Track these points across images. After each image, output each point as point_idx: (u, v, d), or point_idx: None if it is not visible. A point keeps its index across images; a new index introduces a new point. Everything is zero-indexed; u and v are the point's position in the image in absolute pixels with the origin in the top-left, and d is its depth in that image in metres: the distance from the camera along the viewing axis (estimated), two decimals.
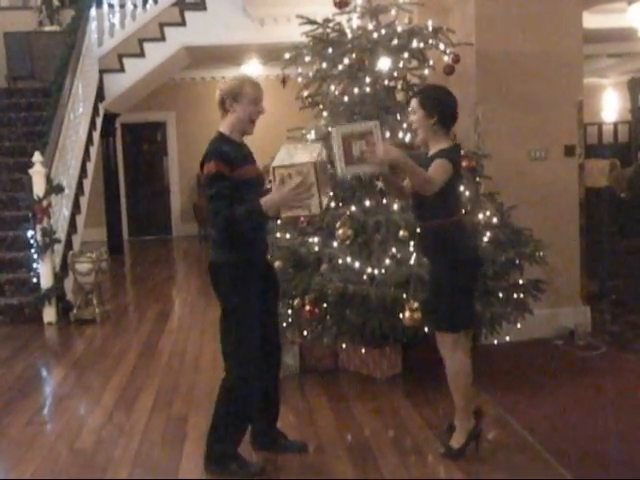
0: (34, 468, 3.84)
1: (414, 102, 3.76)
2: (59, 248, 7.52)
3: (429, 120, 3.67)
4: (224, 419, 3.65)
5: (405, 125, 5.21)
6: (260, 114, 3.63)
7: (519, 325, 4.98)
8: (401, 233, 4.65)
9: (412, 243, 4.69)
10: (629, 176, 9.52)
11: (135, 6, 10.48)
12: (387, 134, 5.05)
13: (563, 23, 5.73)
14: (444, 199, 3.62)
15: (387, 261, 4.71)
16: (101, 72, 10.22)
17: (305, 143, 4.05)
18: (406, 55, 5.22)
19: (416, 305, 4.43)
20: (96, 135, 10.00)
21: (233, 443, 3.67)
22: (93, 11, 10.11)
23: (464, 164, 5.01)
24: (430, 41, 5.21)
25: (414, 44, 5.19)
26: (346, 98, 5.28)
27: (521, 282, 5.05)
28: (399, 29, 5.23)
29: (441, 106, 3.70)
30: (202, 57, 11.76)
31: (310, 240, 5.02)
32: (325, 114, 5.48)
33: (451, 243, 3.70)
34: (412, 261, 4.68)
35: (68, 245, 7.92)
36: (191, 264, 11.59)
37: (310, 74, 5.48)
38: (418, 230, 3.94)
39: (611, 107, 16.76)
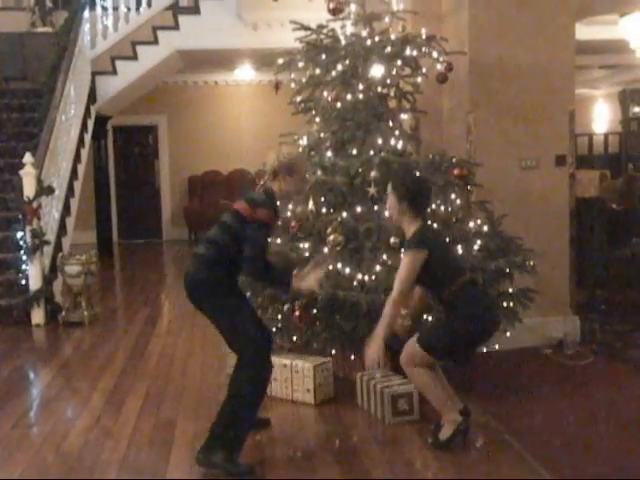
0: (21, 471, 3.82)
1: (389, 185, 4.10)
2: (48, 250, 7.49)
3: (400, 204, 3.99)
4: (233, 411, 3.74)
5: (397, 132, 5.24)
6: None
7: (508, 334, 4.99)
8: (392, 240, 4.65)
9: (402, 250, 4.70)
10: (619, 187, 9.57)
11: (128, 9, 10.47)
12: (379, 141, 5.07)
13: (556, 34, 5.75)
14: (434, 275, 3.93)
15: (377, 268, 4.71)
16: (93, 74, 10.20)
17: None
18: (399, 63, 5.23)
19: (406, 312, 4.43)
20: (87, 137, 9.97)
21: (238, 440, 3.73)
22: (86, 13, 10.09)
23: (455, 172, 5.05)
24: (423, 49, 5.23)
25: (407, 52, 5.21)
26: (339, 104, 5.28)
27: (511, 291, 5.06)
28: (392, 37, 5.25)
29: (410, 192, 3.99)
30: (195, 61, 11.76)
31: (301, 245, 5.02)
32: (318, 120, 5.48)
33: (456, 311, 3.93)
34: None
35: (58, 247, 7.88)
36: (181, 268, 11.50)
37: (303, 80, 5.48)
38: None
39: (602, 118, 16.86)
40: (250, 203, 3.80)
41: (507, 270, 4.97)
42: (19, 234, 7.39)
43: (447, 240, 4.48)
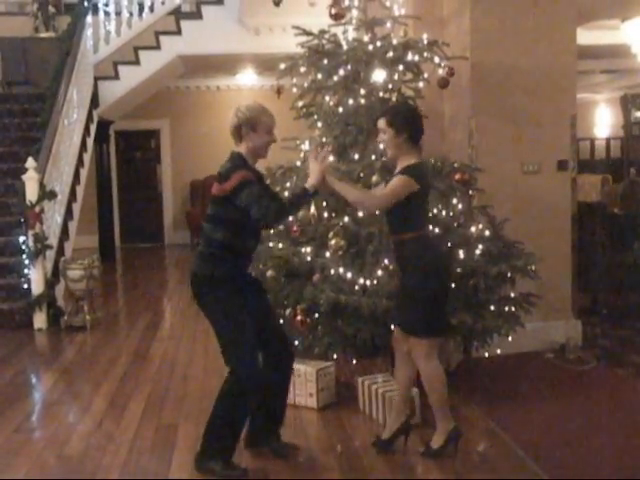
0: (22, 475, 3.82)
1: (382, 122, 3.94)
2: (51, 254, 7.51)
3: (398, 138, 3.87)
4: (222, 417, 3.73)
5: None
6: (272, 143, 3.82)
7: (510, 338, 4.99)
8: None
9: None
10: (621, 191, 9.58)
11: (131, 14, 10.49)
12: (381, 146, 5.07)
13: (557, 39, 5.76)
14: (409, 213, 3.84)
15: (379, 272, 4.71)
16: (96, 79, 10.23)
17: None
18: (401, 67, 5.24)
19: None
20: (90, 142, 9.99)
21: (230, 441, 3.74)
22: (89, 18, 10.13)
23: (457, 177, 5.06)
24: (425, 54, 5.23)
25: (409, 57, 5.21)
26: (341, 109, 5.30)
27: (513, 295, 5.06)
28: (394, 42, 5.25)
29: (409, 122, 3.90)
30: (197, 66, 11.79)
31: (303, 250, 5.03)
32: (319, 125, 5.49)
33: (420, 255, 3.85)
34: None
35: (60, 251, 7.90)
36: (183, 272, 11.53)
37: (305, 85, 5.49)
38: (391, 242, 4.08)
39: (604, 123, 16.86)
40: (219, 181, 3.67)
41: (509, 275, 4.98)
42: (21, 238, 7.41)
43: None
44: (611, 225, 7.27)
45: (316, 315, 4.81)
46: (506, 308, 4.99)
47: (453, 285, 4.69)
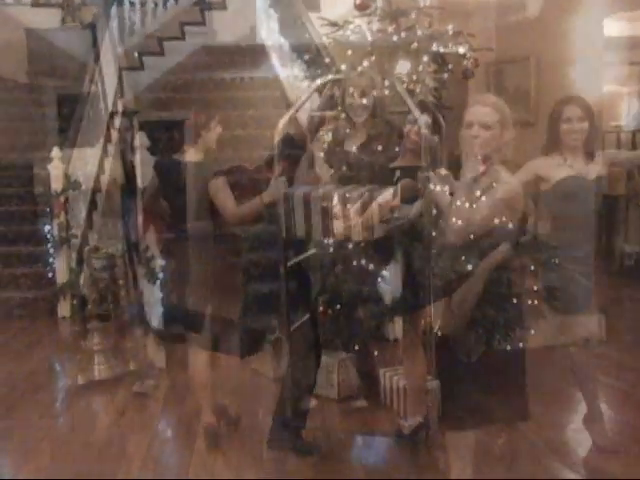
0: (47, 461, 3.87)
1: (428, 118, 4.03)
2: (75, 243, 7.57)
3: None
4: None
5: None
6: None
7: (533, 331, 4.96)
8: None
9: None
10: None
11: (156, 5, 10.53)
12: None
13: (584, 30, 5.71)
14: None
15: None
16: (121, 69, 10.26)
17: None
18: (425, 59, 5.21)
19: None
20: (114, 132, 10.03)
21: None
22: (114, 9, 10.17)
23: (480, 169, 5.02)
24: (450, 45, 5.20)
25: (434, 48, 5.18)
26: (364, 100, 5.27)
27: (535, 288, 5.02)
28: (419, 32, 5.22)
29: None
30: (221, 56, 11.77)
31: (325, 241, 5.01)
32: (343, 116, 5.47)
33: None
34: None
35: (84, 241, 7.95)
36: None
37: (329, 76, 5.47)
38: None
39: (631, 115, 16.65)
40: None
41: (532, 267, 4.94)
42: (46, 228, 7.47)
43: None
44: (636, 218, 7.20)
45: (338, 306, 4.80)
46: (529, 301, 4.95)
47: None
